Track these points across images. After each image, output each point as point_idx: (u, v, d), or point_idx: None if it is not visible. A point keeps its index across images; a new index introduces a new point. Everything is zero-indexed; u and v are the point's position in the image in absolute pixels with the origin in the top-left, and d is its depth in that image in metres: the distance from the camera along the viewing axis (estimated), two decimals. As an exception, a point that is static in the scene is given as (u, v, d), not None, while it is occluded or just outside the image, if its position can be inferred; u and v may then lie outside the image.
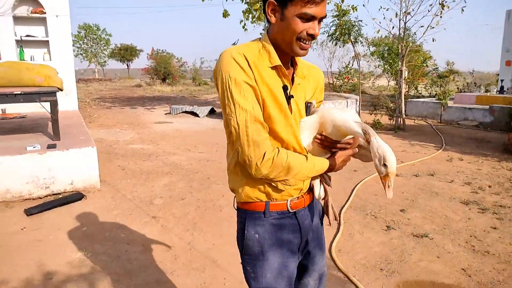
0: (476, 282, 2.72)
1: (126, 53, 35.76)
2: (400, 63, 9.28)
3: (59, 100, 5.06)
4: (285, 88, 1.23)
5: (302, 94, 1.31)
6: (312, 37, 1.16)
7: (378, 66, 19.19)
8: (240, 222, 1.35)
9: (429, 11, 11.07)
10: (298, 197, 1.33)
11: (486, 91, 12.25)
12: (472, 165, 6.02)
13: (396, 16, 9.09)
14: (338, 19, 9.22)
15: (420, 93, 14.02)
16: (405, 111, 12.26)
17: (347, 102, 9.64)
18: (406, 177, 5.32)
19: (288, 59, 1.26)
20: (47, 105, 5.17)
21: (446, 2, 8.33)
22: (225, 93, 1.14)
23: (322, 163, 1.27)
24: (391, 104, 9.84)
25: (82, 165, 4.24)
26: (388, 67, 15.58)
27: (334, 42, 9.95)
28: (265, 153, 1.14)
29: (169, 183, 4.77)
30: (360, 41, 11.53)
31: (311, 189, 1.42)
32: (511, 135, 6.85)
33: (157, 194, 4.37)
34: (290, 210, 1.31)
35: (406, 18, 8.85)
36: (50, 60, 7.25)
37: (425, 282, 2.72)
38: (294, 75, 1.28)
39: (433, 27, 9.18)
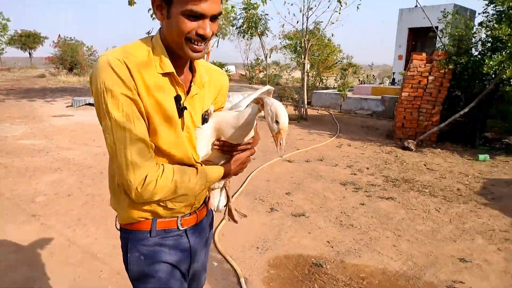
0: (336, 251, 3.09)
1: (28, 40, 32.37)
2: (303, 56, 9.84)
3: None
4: (177, 98, 1.09)
5: (200, 105, 1.17)
6: (203, 37, 1.02)
7: (291, 59, 20.09)
8: (123, 244, 1.21)
9: (328, 7, 11.79)
10: (190, 213, 1.23)
11: (381, 83, 13.56)
12: (357, 150, 6.69)
13: (301, 12, 9.61)
14: (245, 12, 9.43)
15: (325, 85, 14.99)
16: (310, 101, 13.06)
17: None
18: (298, 163, 5.74)
19: (185, 62, 1.13)
20: None
21: (342, -1, 8.99)
22: (100, 106, 1.00)
23: (216, 172, 1.17)
24: (296, 96, 10.42)
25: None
26: (300, 60, 16.40)
27: (242, 35, 10.16)
28: (146, 176, 1.02)
29: (57, 180, 4.54)
30: (267, 34, 11.92)
31: (206, 203, 1.33)
32: (394, 123, 7.72)
33: (41, 191, 4.15)
34: (181, 228, 1.21)
35: (308, 14, 9.39)
36: None
37: (293, 255, 3.02)
38: (192, 84, 1.14)
39: (333, 23, 9.90)
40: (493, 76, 5.89)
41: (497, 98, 6.62)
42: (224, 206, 1.44)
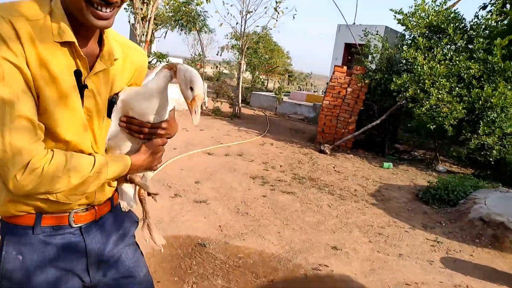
0: (224, 235, 3.32)
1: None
2: (240, 57, 10.10)
3: None
4: (77, 73, 0.92)
5: (107, 85, 1.00)
6: (106, 1, 0.86)
7: (238, 59, 20.37)
8: None
9: (266, 13, 12.23)
10: (87, 208, 1.05)
11: (315, 91, 14.28)
12: (278, 149, 7.05)
13: (240, 14, 9.86)
14: (184, 7, 9.49)
15: (266, 87, 15.45)
16: (248, 102, 13.38)
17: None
18: (217, 156, 5.93)
19: (91, 33, 0.95)
20: None
21: (279, 8, 9.39)
22: None
23: (120, 162, 1.00)
24: (232, 94, 10.66)
25: None
26: (247, 61, 16.69)
27: (180, 29, 10.19)
28: (29, 161, 0.84)
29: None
30: (205, 30, 12.04)
31: (111, 199, 1.14)
32: (317, 129, 8.20)
33: None
34: (73, 225, 1.02)
35: (246, 17, 9.67)
36: None
37: (182, 236, 3.19)
38: (99, 59, 0.96)
39: (271, 29, 10.28)
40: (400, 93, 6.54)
41: (404, 114, 7.33)
42: (143, 220, 1.24)
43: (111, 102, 1.02)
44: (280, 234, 3.47)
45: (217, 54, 13.08)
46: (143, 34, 10.47)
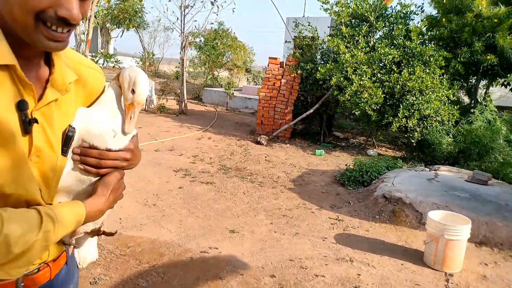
0: (122, 226, 3.36)
1: None
2: (181, 53, 10.09)
3: None
4: (21, 105, 0.73)
5: (62, 116, 0.83)
6: (66, 22, 0.69)
7: (196, 57, 20.29)
8: None
9: (204, 7, 12.29)
10: (39, 268, 0.85)
11: (267, 84, 14.43)
12: (214, 142, 7.13)
13: (180, 9, 9.84)
14: (120, 3, 9.37)
15: (219, 83, 15.46)
16: (201, 98, 13.38)
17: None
18: (146, 152, 5.94)
19: (37, 52, 0.77)
20: None
21: (216, 1, 9.43)
22: None
23: (72, 212, 0.79)
24: (179, 90, 10.63)
25: None
26: (204, 58, 16.60)
27: (117, 26, 10.07)
28: None
29: None
30: (144, 27, 11.93)
31: (66, 250, 0.95)
32: (256, 121, 8.32)
33: None
34: None
35: (185, 12, 9.67)
36: None
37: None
38: (48, 84, 0.79)
39: (213, 23, 10.35)
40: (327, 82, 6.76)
41: (334, 102, 7.58)
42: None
43: (67, 137, 0.83)
44: (182, 222, 3.55)
45: (180, 53, 13.04)
46: (83, 33, 10.28)
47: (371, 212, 4.14)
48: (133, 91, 0.88)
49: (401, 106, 6.34)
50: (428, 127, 6.54)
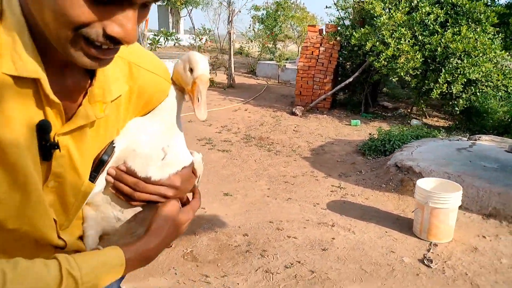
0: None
1: None
2: (228, 26, 10.24)
3: None
4: (43, 126, 0.56)
5: (100, 137, 0.66)
6: (115, 41, 0.50)
7: (259, 30, 20.35)
8: None
9: None
10: None
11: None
12: (249, 114, 7.26)
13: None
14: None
15: (278, 56, 15.38)
16: (255, 72, 13.51)
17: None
18: (179, 122, 6.30)
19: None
20: None
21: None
22: None
23: (105, 271, 0.60)
24: (227, 65, 10.88)
25: None
26: (268, 31, 16.61)
27: (166, 3, 10.49)
28: None
29: None
30: (193, 4, 12.20)
31: None
32: (295, 92, 8.23)
33: None
34: None
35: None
36: None
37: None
38: (84, 101, 0.61)
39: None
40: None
41: (374, 69, 7.14)
42: None
43: (100, 162, 0.67)
44: (182, 185, 3.79)
45: (248, 29, 13.48)
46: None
47: (379, 181, 3.98)
48: (191, 70, 0.71)
49: (443, 70, 5.79)
50: (477, 93, 5.90)
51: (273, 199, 3.56)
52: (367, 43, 6.08)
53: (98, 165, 0.67)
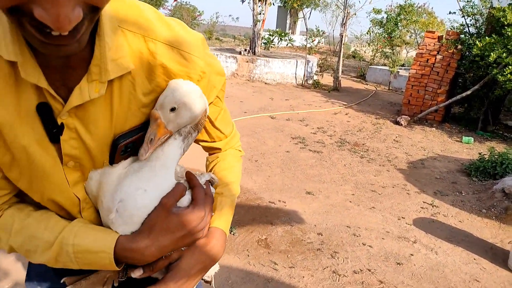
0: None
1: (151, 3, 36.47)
2: (341, 29, 10.13)
3: None
4: (41, 109, 0.58)
5: (108, 121, 0.63)
6: (46, 29, 0.44)
7: (377, 34, 19.65)
8: None
9: None
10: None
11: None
12: (349, 118, 7.13)
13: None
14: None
15: (393, 61, 14.63)
16: (364, 77, 13.14)
17: (296, 61, 10.61)
18: (278, 120, 6.53)
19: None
20: None
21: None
22: None
23: (105, 238, 0.63)
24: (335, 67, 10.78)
25: None
26: (385, 35, 15.99)
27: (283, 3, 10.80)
28: None
29: None
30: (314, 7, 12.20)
31: None
32: (403, 100, 7.79)
33: None
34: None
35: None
36: None
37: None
38: (82, 80, 0.58)
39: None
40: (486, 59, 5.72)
41: (497, 83, 6.32)
42: None
43: (113, 146, 0.65)
44: (269, 178, 3.99)
45: (367, 33, 13.42)
46: (259, 13, 11.48)
47: (480, 205, 3.61)
48: (172, 110, 0.63)
49: None
50: None
51: (355, 205, 3.52)
52: (492, 53, 5.46)
53: (112, 149, 0.65)
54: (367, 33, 15.71)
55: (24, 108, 0.57)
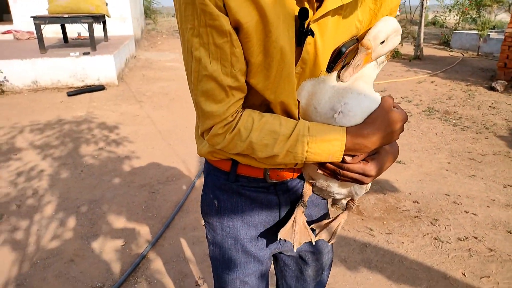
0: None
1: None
2: (422, -8, 9.33)
3: (117, 26, 8.37)
4: (302, 14, 0.64)
5: (337, 29, 0.70)
6: None
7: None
8: (204, 168, 0.96)
9: None
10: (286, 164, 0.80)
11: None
12: (435, 86, 6.62)
13: None
14: None
15: (483, 23, 13.16)
16: (449, 43, 12.08)
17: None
18: (357, 91, 6.29)
19: None
20: (100, 28, 7.43)
21: None
22: (177, 18, 0.67)
23: (329, 138, 0.69)
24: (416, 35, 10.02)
25: (105, 67, 6.22)
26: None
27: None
28: (212, 127, 0.72)
29: (165, 85, 6.57)
30: None
31: None
32: (497, 63, 7.02)
33: (152, 90, 6.22)
34: (269, 181, 0.85)
35: None
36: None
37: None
38: None
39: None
40: None
41: None
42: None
43: (339, 53, 0.70)
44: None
45: None
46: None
47: None
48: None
49: None
50: None
51: (452, 173, 3.29)
52: None
53: (336, 55, 0.71)
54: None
55: (285, 12, 0.63)
